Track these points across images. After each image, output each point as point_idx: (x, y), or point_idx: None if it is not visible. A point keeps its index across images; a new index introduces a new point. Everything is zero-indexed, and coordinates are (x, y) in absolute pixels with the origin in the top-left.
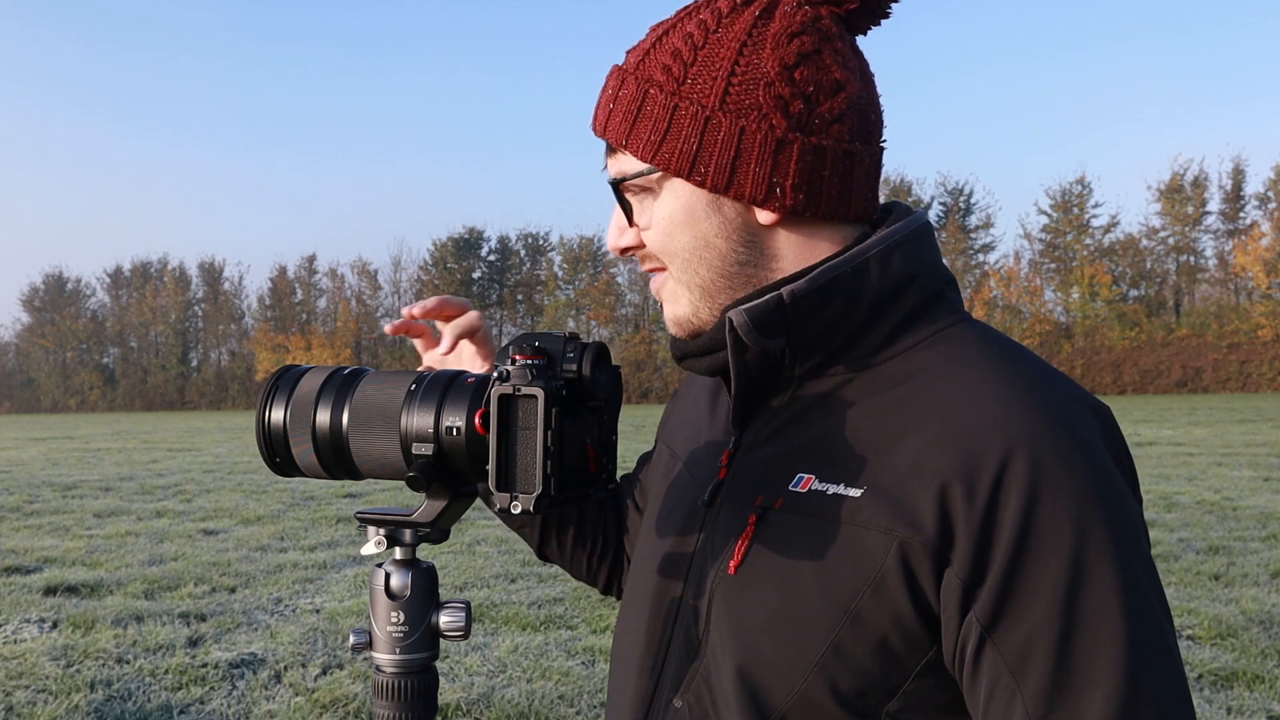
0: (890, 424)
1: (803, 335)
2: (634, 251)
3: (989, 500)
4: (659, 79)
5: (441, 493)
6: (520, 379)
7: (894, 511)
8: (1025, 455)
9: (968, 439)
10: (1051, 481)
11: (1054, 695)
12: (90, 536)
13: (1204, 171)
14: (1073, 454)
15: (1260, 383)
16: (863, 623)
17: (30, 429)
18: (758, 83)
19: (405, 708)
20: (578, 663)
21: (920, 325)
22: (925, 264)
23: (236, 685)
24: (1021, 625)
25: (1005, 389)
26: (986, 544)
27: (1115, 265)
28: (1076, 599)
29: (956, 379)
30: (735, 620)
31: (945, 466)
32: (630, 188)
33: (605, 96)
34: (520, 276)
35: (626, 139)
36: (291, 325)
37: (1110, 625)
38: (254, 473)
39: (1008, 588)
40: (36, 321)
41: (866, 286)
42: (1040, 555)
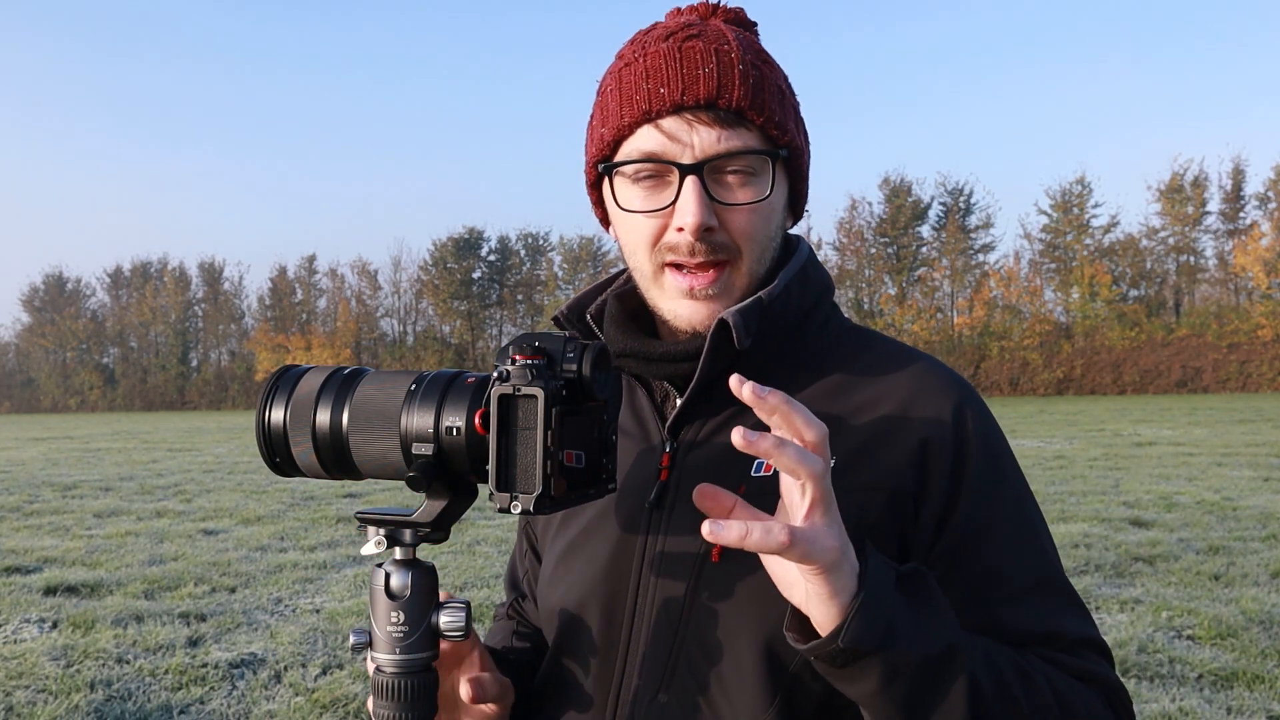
0: (843, 403)
1: (767, 334)
2: (713, 234)
3: (956, 445)
4: (781, 79)
5: (441, 493)
6: (520, 379)
7: (877, 470)
8: (970, 407)
9: (927, 402)
10: (988, 426)
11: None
12: (90, 536)
13: (1204, 171)
14: (986, 407)
15: (1260, 383)
16: None
17: (30, 429)
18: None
19: (405, 708)
20: None
21: (832, 325)
22: (826, 274)
23: (236, 685)
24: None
25: (930, 366)
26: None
27: (1115, 265)
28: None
29: (892, 362)
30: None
31: (919, 427)
32: (742, 164)
33: (732, 69)
34: (520, 276)
35: (779, 116)
36: (291, 325)
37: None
38: (254, 473)
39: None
40: (36, 321)
41: (808, 291)
42: (995, 483)
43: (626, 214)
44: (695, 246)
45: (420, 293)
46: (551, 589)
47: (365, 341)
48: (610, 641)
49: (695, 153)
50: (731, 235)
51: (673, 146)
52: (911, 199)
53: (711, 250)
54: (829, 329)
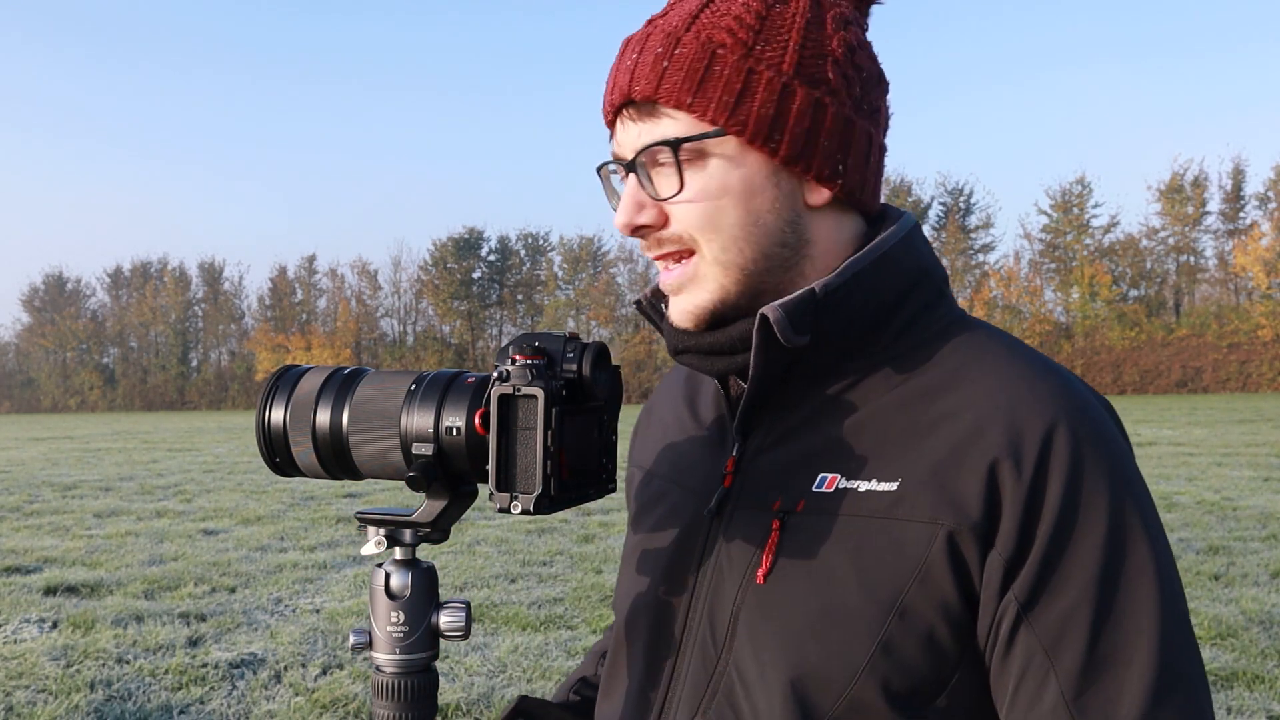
0: (918, 416)
1: (829, 330)
2: (650, 231)
3: (1034, 475)
4: (725, 40)
5: (441, 493)
6: (520, 379)
7: (937, 501)
8: (1066, 431)
9: (1009, 417)
10: (1090, 458)
11: (1089, 674)
12: (90, 536)
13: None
14: (1103, 434)
15: (1260, 383)
16: (910, 617)
17: (30, 429)
18: (826, 58)
19: (405, 708)
20: (577, 663)
21: (932, 319)
22: (927, 261)
23: (236, 685)
24: (1058, 603)
25: (1033, 374)
26: (1031, 520)
27: (1115, 265)
28: (1113, 577)
29: (985, 367)
30: (774, 631)
31: (991, 447)
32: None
33: (649, 57)
34: (520, 276)
35: (693, 98)
36: (291, 325)
37: (1145, 605)
38: (254, 473)
39: (1048, 564)
40: (36, 321)
41: (886, 281)
42: (1080, 532)
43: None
44: (645, 243)
45: (420, 293)
46: (619, 586)
47: (365, 341)
48: (660, 654)
49: (628, 151)
50: (678, 229)
51: (619, 147)
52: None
53: (660, 244)
54: (922, 324)
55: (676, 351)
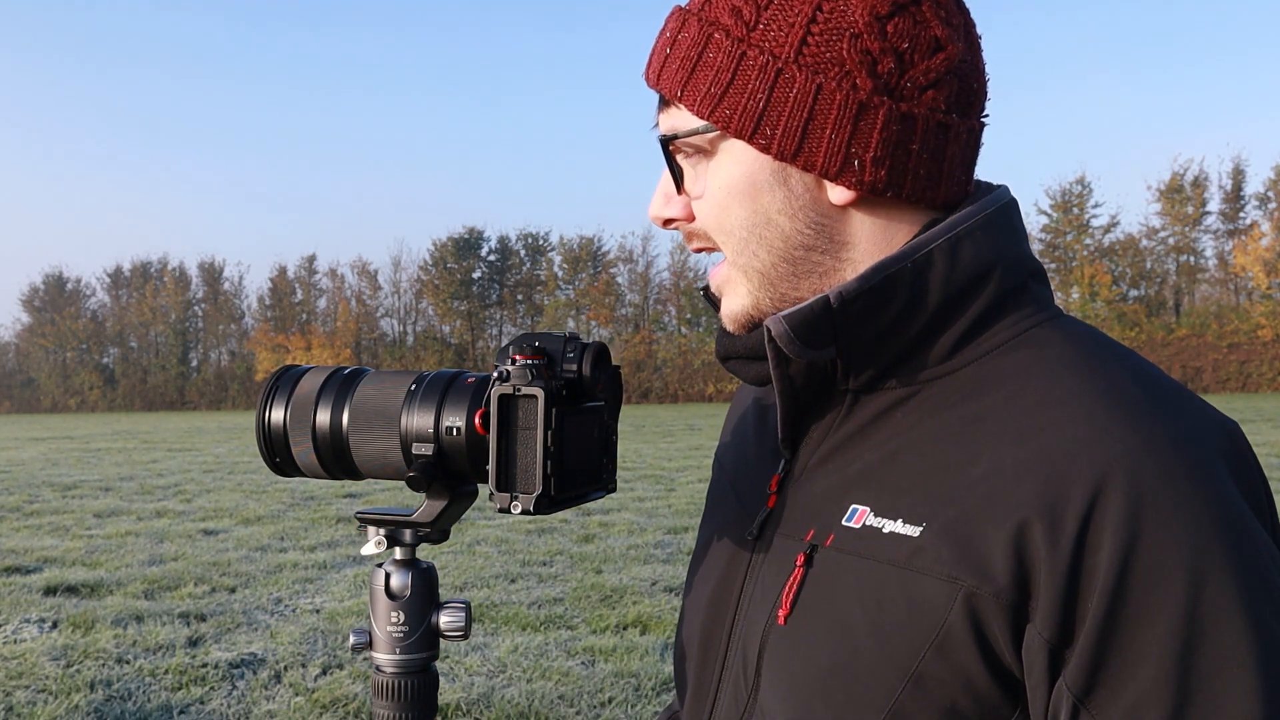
0: (957, 448)
1: (856, 343)
2: (679, 224)
3: (1076, 542)
4: (726, 22)
5: (441, 493)
6: (520, 379)
7: (958, 555)
8: (1122, 484)
9: (1049, 466)
10: (1156, 517)
11: None
12: (90, 536)
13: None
14: (1184, 482)
15: (1260, 383)
16: (926, 687)
17: (30, 429)
18: (842, 33)
19: (405, 708)
20: (578, 663)
21: (997, 327)
22: (1004, 254)
23: (236, 685)
24: (1124, 695)
25: (1099, 403)
26: (1074, 595)
27: (1115, 265)
28: (1193, 662)
29: (1037, 392)
30: (787, 679)
31: (1022, 500)
32: (682, 148)
33: (662, 40)
34: (520, 276)
35: (682, 90)
36: (291, 325)
37: (1237, 696)
38: (254, 473)
39: (1104, 649)
40: (36, 321)
41: (930, 285)
42: (1144, 611)
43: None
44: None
45: (420, 293)
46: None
47: (365, 341)
48: (705, 675)
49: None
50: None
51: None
52: None
53: (692, 239)
54: (992, 331)
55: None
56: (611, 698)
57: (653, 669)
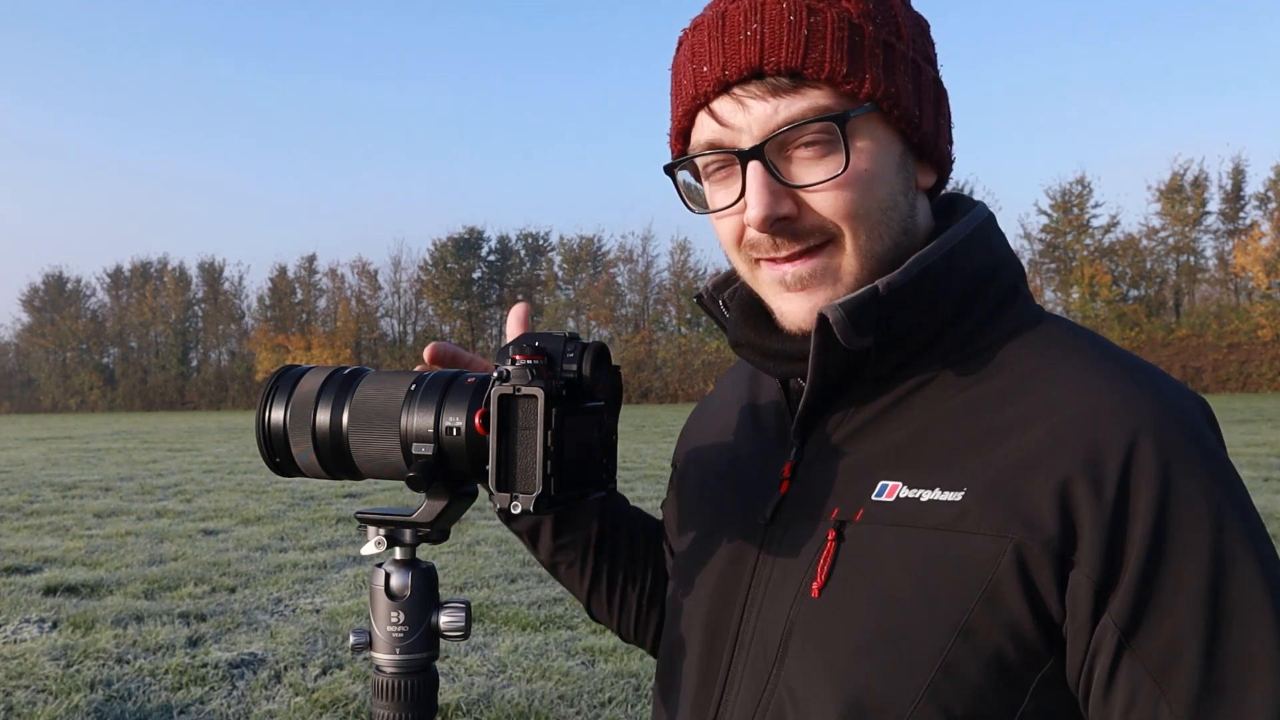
0: (987, 421)
1: (893, 332)
2: (789, 224)
3: (1118, 493)
4: (851, 10)
5: (441, 493)
6: (520, 379)
7: (1006, 513)
8: (1151, 443)
9: (1087, 430)
10: (1182, 470)
11: (1206, 701)
12: (90, 536)
13: (1204, 171)
14: (1195, 441)
15: (1260, 383)
16: (975, 638)
17: (30, 429)
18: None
19: (405, 708)
20: (578, 663)
21: (1005, 318)
22: (1002, 255)
23: (236, 685)
24: (1165, 628)
25: (1113, 379)
26: (1119, 540)
27: (1115, 265)
28: (1221, 593)
29: (1061, 370)
30: (827, 650)
31: (1064, 460)
32: (817, 136)
33: (778, 25)
34: (520, 276)
35: (847, 69)
36: (291, 325)
37: (1259, 618)
38: (254, 473)
39: (1147, 587)
40: (36, 321)
41: (955, 277)
42: (1179, 550)
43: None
44: (775, 241)
45: (420, 293)
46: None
47: (365, 341)
48: (711, 666)
49: (753, 134)
50: (820, 218)
51: (729, 133)
52: None
53: (798, 238)
54: (996, 323)
55: (738, 344)
56: (611, 698)
57: (653, 669)
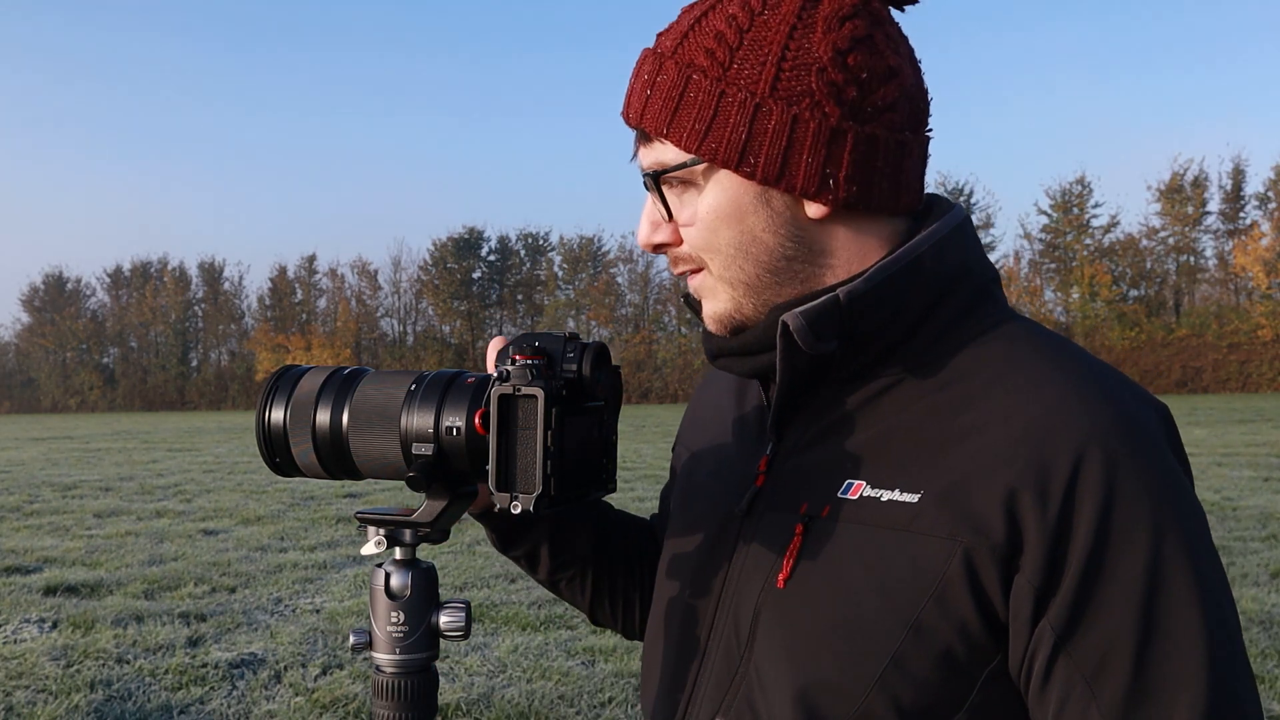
0: (947, 426)
1: (857, 336)
2: (668, 249)
3: (1062, 505)
4: (702, 63)
5: (441, 493)
6: (520, 379)
7: (957, 517)
8: (1098, 455)
9: (1035, 441)
10: (1125, 483)
11: (1133, 704)
12: (90, 536)
13: (1204, 171)
14: (1143, 453)
15: (1260, 383)
16: (925, 634)
17: (30, 429)
18: (810, 68)
19: (405, 708)
20: (578, 663)
21: (971, 322)
22: (973, 260)
23: (236, 685)
24: (1097, 632)
25: (1069, 387)
26: (1061, 550)
27: (1115, 265)
28: (1155, 603)
29: (1017, 378)
30: (789, 637)
31: (1013, 469)
32: (670, 180)
33: (639, 82)
34: (520, 276)
35: (668, 128)
36: (291, 325)
37: (1190, 630)
38: (254, 473)
39: (1083, 594)
40: (36, 321)
41: (919, 284)
42: (1117, 560)
43: None
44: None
45: (420, 293)
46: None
47: (365, 341)
48: (689, 648)
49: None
50: (688, 248)
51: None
52: None
53: (675, 263)
54: (964, 327)
55: (712, 356)
56: (611, 698)
57: None
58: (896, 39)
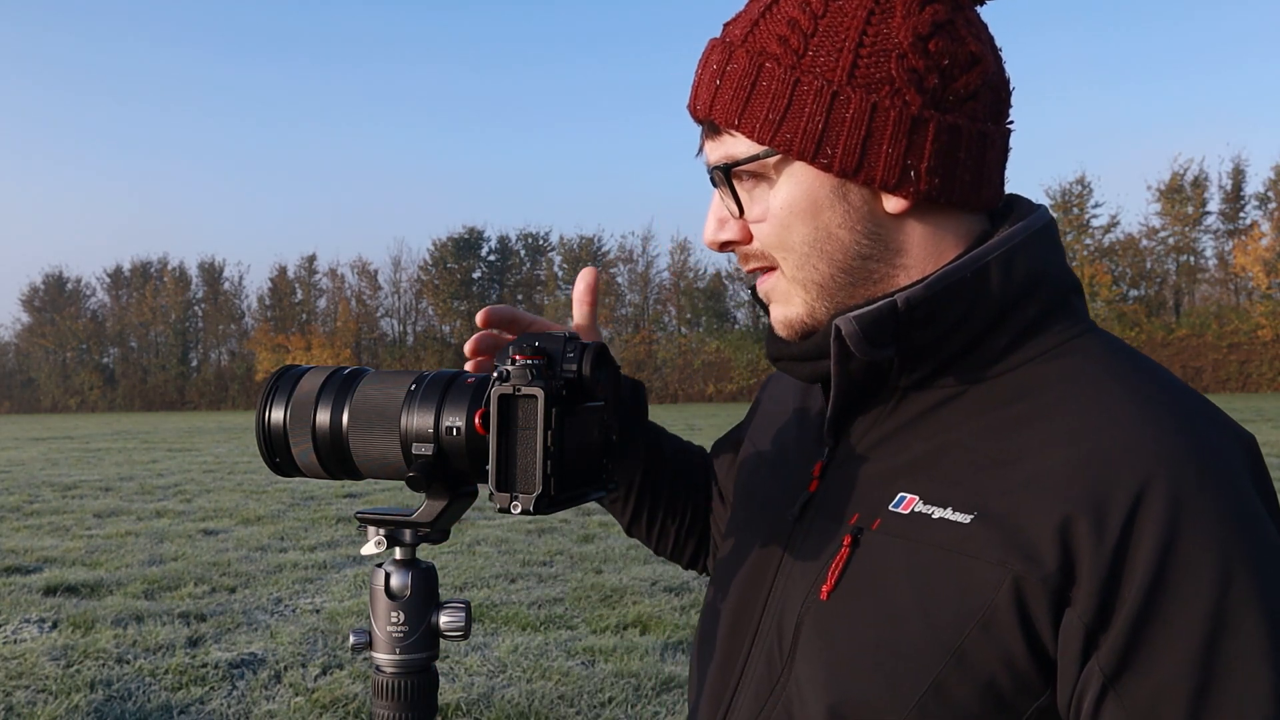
0: (1006, 445)
1: (914, 345)
2: (736, 247)
3: (1120, 538)
4: (775, 51)
5: (441, 493)
6: (520, 379)
7: (1009, 542)
8: (1163, 488)
9: (1097, 467)
10: (1192, 519)
11: None
12: (90, 536)
13: (1204, 171)
14: (1216, 487)
15: (1260, 383)
16: (969, 662)
17: (30, 429)
18: (889, 54)
19: (405, 708)
20: (578, 663)
21: (1043, 335)
22: (1051, 268)
23: (236, 685)
24: (1151, 678)
25: (1140, 412)
26: (1114, 586)
27: (1115, 265)
28: (1217, 652)
29: (1085, 398)
30: (827, 652)
31: (1071, 497)
32: (740, 174)
33: (708, 73)
34: (520, 276)
35: (739, 119)
36: (291, 325)
37: (1255, 684)
38: (254, 473)
39: (1137, 636)
40: (36, 321)
41: (986, 293)
42: (1177, 602)
43: None
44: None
45: (420, 293)
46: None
47: (365, 342)
48: (732, 653)
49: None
50: (759, 245)
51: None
52: None
53: (746, 260)
54: (1036, 340)
55: (774, 359)
56: (611, 698)
57: (652, 669)
58: (978, 25)
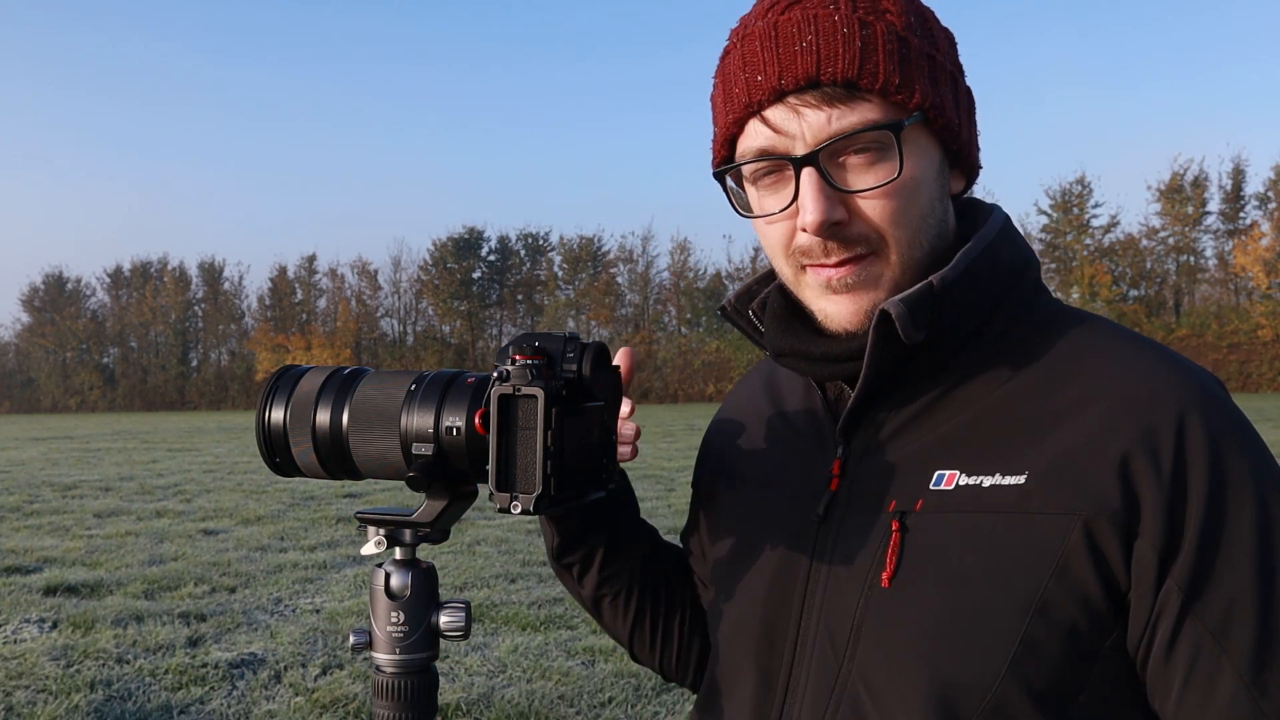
0: (1040, 407)
1: (942, 326)
2: (840, 229)
3: (1175, 466)
4: (896, 24)
5: (441, 493)
6: (520, 379)
7: (1071, 491)
8: (1198, 418)
9: (1138, 410)
10: (1227, 442)
11: (1265, 651)
12: (90, 536)
13: (1204, 171)
14: (1231, 411)
15: (1260, 383)
16: (1052, 612)
17: (30, 429)
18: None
19: (405, 708)
20: (578, 663)
21: (1034, 310)
22: (1027, 252)
23: (236, 685)
24: (1224, 589)
25: (1153, 361)
26: (1179, 509)
27: (1115, 265)
28: (1272, 554)
29: (1100, 358)
30: (902, 636)
31: (1121, 437)
32: (868, 144)
33: (832, 37)
34: (520, 276)
35: (900, 80)
36: (291, 325)
37: None
38: (254, 473)
39: (1207, 552)
40: (36, 321)
41: (998, 272)
42: (1233, 515)
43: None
44: (826, 245)
45: (420, 293)
46: (716, 593)
47: (365, 341)
48: (771, 668)
49: (807, 141)
50: (869, 224)
51: (782, 140)
52: None
53: (847, 245)
54: (1031, 313)
55: (780, 354)
56: (611, 698)
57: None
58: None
